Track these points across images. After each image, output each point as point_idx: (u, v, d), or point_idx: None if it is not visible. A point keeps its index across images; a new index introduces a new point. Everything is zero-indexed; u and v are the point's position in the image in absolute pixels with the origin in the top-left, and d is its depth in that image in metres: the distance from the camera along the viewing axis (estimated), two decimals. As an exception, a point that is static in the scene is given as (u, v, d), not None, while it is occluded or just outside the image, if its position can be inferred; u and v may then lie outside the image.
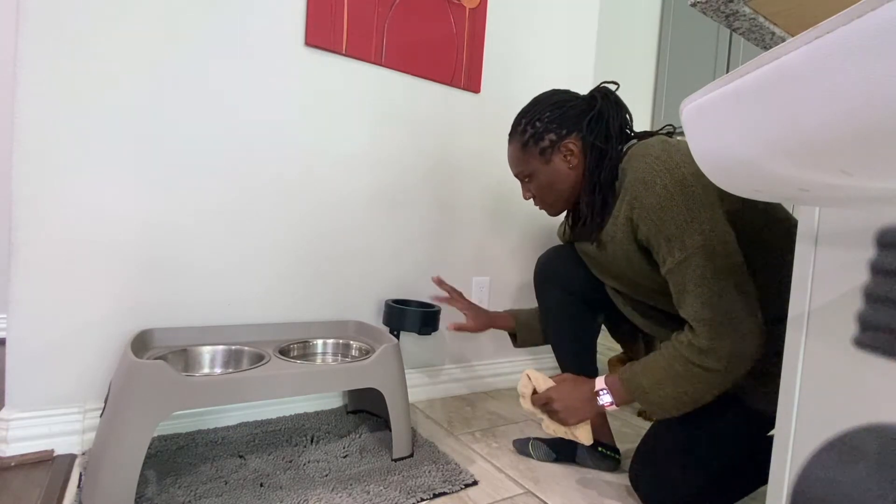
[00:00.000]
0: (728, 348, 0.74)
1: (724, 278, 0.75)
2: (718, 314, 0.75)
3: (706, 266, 0.76)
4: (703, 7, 0.67)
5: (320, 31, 1.21)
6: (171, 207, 1.08)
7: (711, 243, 0.76)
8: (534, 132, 0.94)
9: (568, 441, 1.08)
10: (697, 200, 0.77)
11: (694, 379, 0.77)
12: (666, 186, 0.79)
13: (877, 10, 0.22)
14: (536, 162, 0.95)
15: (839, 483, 0.51)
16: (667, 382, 0.79)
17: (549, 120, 0.93)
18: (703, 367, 0.76)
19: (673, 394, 0.79)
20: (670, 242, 0.79)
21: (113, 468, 0.77)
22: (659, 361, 0.81)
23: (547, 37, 1.63)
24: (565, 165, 0.94)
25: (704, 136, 0.36)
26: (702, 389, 0.77)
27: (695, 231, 0.77)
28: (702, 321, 0.76)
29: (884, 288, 0.49)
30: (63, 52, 0.95)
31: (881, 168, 0.27)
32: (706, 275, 0.76)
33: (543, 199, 0.99)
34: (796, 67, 0.26)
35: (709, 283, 0.76)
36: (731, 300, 0.75)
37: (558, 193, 0.96)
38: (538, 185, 0.97)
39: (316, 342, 1.20)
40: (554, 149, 0.93)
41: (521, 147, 0.96)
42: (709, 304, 0.75)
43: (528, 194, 1.01)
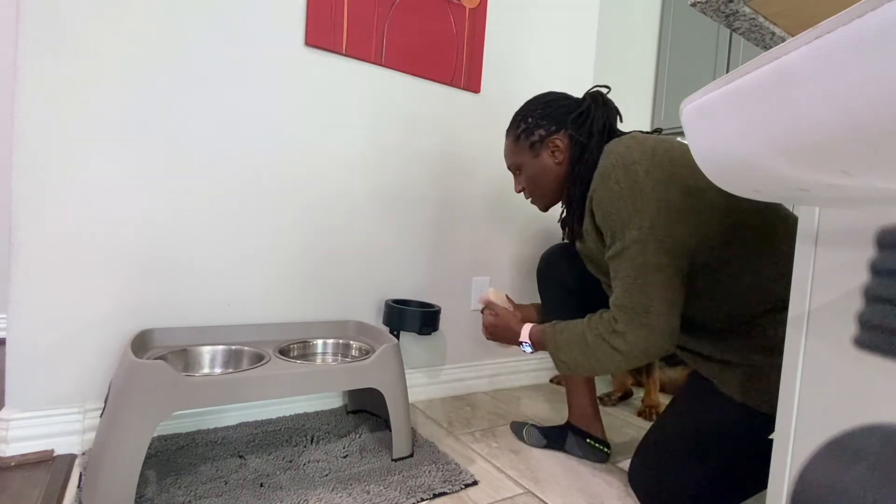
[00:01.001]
0: (636, 336, 0.81)
1: (650, 273, 0.80)
2: (636, 304, 0.81)
3: (636, 259, 0.81)
4: (703, 7, 0.67)
5: (320, 31, 1.21)
6: (171, 207, 1.08)
7: (646, 239, 0.80)
8: (525, 127, 1.01)
9: (559, 430, 1.18)
10: (644, 198, 0.81)
11: (599, 352, 0.85)
12: (618, 181, 0.83)
13: (877, 9, 0.22)
14: (526, 155, 1.02)
15: (839, 483, 0.51)
16: (576, 347, 0.88)
17: (540, 116, 1.00)
18: (610, 346, 0.83)
19: (578, 358, 0.88)
20: (614, 234, 0.84)
21: (113, 468, 0.77)
22: (577, 327, 0.89)
23: (547, 37, 1.63)
24: (552, 160, 0.99)
25: (704, 136, 0.36)
26: (602, 362, 0.85)
27: (634, 226, 0.81)
28: (621, 307, 0.82)
29: (884, 288, 0.49)
30: (63, 52, 0.95)
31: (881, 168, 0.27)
32: (634, 266, 0.81)
33: (532, 192, 1.06)
34: (796, 67, 0.26)
35: (635, 274, 0.81)
36: (651, 294, 0.80)
37: (545, 186, 1.02)
38: (527, 178, 1.04)
39: (316, 342, 1.20)
40: (542, 144, 0.99)
41: (514, 141, 1.04)
42: (630, 294, 0.81)
43: (519, 187, 1.08)
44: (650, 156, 0.83)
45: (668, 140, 0.87)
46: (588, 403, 1.15)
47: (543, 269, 1.21)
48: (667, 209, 0.80)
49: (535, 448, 1.18)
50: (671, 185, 0.81)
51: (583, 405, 1.15)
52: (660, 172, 0.81)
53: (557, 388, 1.68)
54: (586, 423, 1.14)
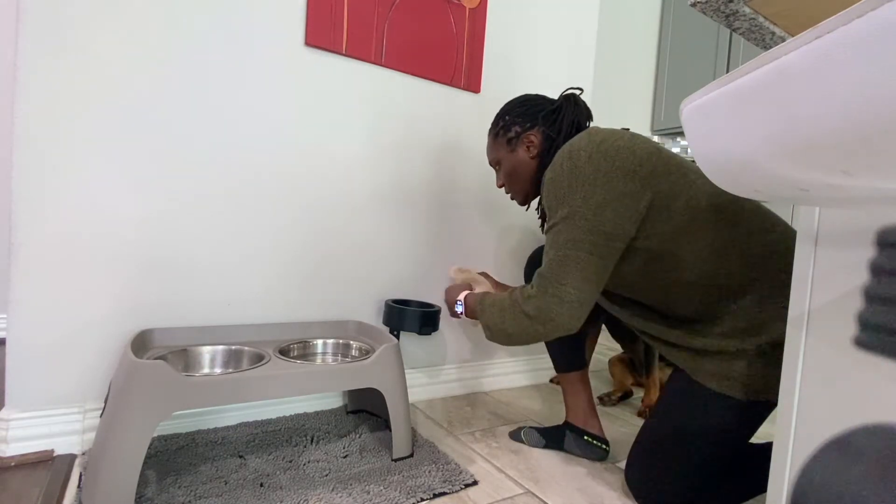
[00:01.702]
0: (545, 303, 0.84)
1: (571, 249, 0.84)
2: (553, 275, 0.85)
3: (562, 234, 0.85)
4: (703, 7, 0.68)
5: (320, 31, 1.21)
6: (171, 207, 1.08)
7: (574, 217, 0.84)
8: (503, 125, 1.06)
9: (557, 430, 1.19)
10: (581, 179, 0.84)
11: (510, 316, 0.89)
12: (562, 165, 0.88)
13: (877, 10, 0.22)
14: (504, 151, 1.07)
15: (839, 483, 0.51)
16: (496, 310, 0.92)
17: (516, 115, 1.05)
18: (522, 311, 0.87)
19: (496, 320, 0.92)
20: (550, 212, 0.89)
21: (113, 468, 0.77)
22: (503, 295, 0.94)
23: (547, 37, 1.63)
24: (527, 155, 1.04)
25: (704, 136, 0.36)
26: (514, 327, 0.89)
27: (566, 204, 0.85)
28: (539, 275, 0.87)
29: (884, 288, 0.49)
30: (63, 52, 0.95)
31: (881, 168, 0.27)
32: (558, 240, 0.85)
33: (510, 185, 1.10)
34: (796, 67, 0.26)
35: (557, 248, 0.85)
36: (568, 269, 0.84)
37: (522, 181, 1.07)
38: (505, 173, 1.08)
39: (316, 342, 1.20)
40: (518, 140, 1.04)
41: (493, 138, 1.09)
42: (549, 265, 0.86)
43: (500, 182, 1.12)
44: (597, 144, 0.86)
45: (626, 133, 0.90)
46: (584, 401, 1.15)
47: (528, 270, 1.25)
48: (602, 192, 0.83)
49: (536, 448, 1.18)
50: (613, 171, 0.84)
51: (579, 403, 1.15)
52: (602, 159, 0.84)
53: (556, 388, 1.68)
54: (584, 421, 1.15)
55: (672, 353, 0.92)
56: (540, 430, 1.20)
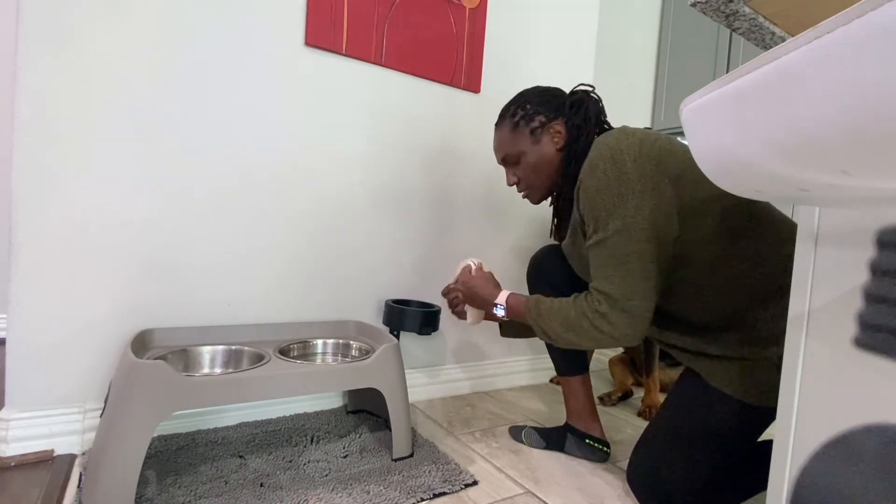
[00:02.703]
0: (618, 320, 0.83)
1: (633, 262, 0.82)
2: (619, 291, 0.83)
3: (619, 248, 0.83)
4: (703, 7, 0.67)
5: (320, 31, 1.21)
6: (171, 207, 1.08)
7: (630, 228, 0.82)
8: (524, 114, 1.00)
9: (558, 431, 1.18)
10: (629, 187, 0.82)
11: (580, 329, 0.86)
12: (606, 171, 0.84)
13: (877, 9, 0.22)
14: (526, 142, 1.00)
15: (839, 483, 0.51)
16: (557, 319, 0.89)
17: (539, 104, 1.00)
18: (593, 326, 0.84)
19: (558, 329, 0.89)
20: (597, 222, 0.85)
21: (113, 468, 0.77)
22: (562, 302, 0.90)
23: (547, 37, 1.63)
24: (553, 146, 0.99)
25: (704, 136, 0.36)
26: (581, 338, 0.87)
27: (618, 215, 0.82)
28: (605, 294, 0.84)
29: (884, 288, 0.49)
30: (63, 52, 0.95)
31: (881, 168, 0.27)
32: (617, 255, 0.83)
33: (529, 182, 1.03)
34: (796, 67, 0.26)
35: (618, 262, 0.83)
36: (634, 283, 0.82)
37: (545, 175, 1.01)
38: (526, 167, 1.01)
39: (316, 342, 1.20)
40: (543, 129, 0.99)
41: (512, 129, 1.01)
42: (612, 281, 0.83)
43: (514, 179, 1.05)
44: (637, 146, 0.84)
45: (656, 133, 0.88)
46: (585, 403, 1.15)
47: (533, 271, 1.22)
48: (651, 199, 0.82)
49: (536, 449, 1.18)
50: (658, 176, 0.82)
51: (580, 405, 1.15)
52: (647, 163, 0.83)
53: (557, 388, 1.68)
54: (585, 423, 1.15)
55: (687, 358, 0.92)
56: (540, 431, 1.19)
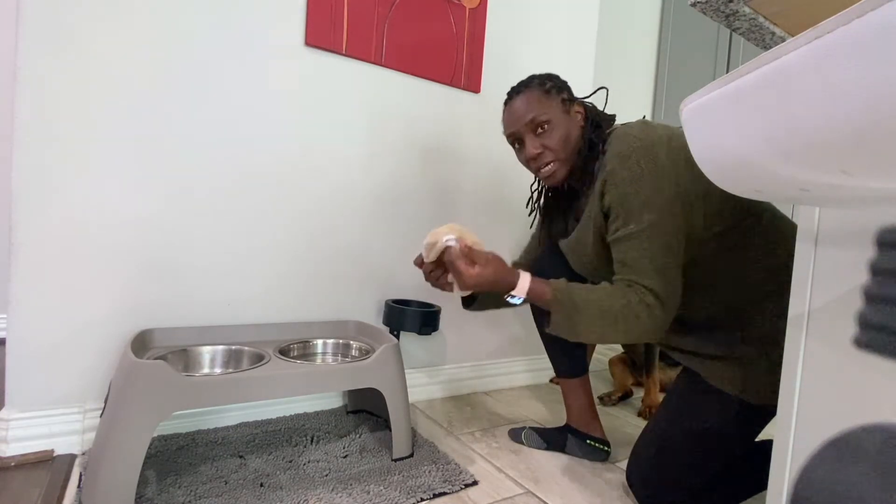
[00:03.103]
0: (662, 314, 0.81)
1: (668, 257, 0.82)
2: (663, 288, 0.81)
3: (655, 242, 0.82)
4: (703, 7, 0.67)
5: (320, 31, 1.21)
6: (171, 207, 1.08)
7: (663, 222, 0.81)
8: (554, 84, 0.96)
9: (558, 432, 1.17)
10: (665, 181, 0.82)
11: (620, 321, 0.81)
12: (639, 163, 0.83)
13: (877, 9, 0.22)
14: (557, 110, 0.95)
15: (839, 483, 0.51)
16: (596, 310, 0.82)
17: (563, 83, 0.98)
18: (637, 319, 0.81)
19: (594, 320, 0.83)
20: (629, 215, 0.83)
21: (113, 468, 0.77)
22: (601, 293, 0.84)
23: (547, 37, 1.63)
24: (577, 123, 0.97)
25: (704, 136, 0.36)
26: (615, 330, 0.82)
27: (653, 209, 0.81)
28: (652, 290, 0.81)
29: (884, 288, 0.49)
30: (63, 52, 0.95)
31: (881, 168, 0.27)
32: (653, 249, 0.82)
33: (557, 153, 0.94)
34: (796, 67, 0.26)
35: (654, 257, 0.82)
36: (670, 278, 0.82)
37: (572, 146, 0.95)
38: (554, 135, 0.93)
39: (316, 342, 1.20)
40: (570, 104, 0.97)
41: (543, 93, 0.95)
42: (655, 278, 0.81)
43: (537, 149, 0.94)
44: (667, 140, 0.84)
45: (674, 128, 0.88)
46: (585, 403, 1.15)
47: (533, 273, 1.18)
48: (682, 194, 0.82)
49: (537, 450, 1.18)
50: (684, 171, 0.83)
51: (580, 406, 1.15)
52: (678, 157, 0.83)
53: (557, 388, 1.68)
54: (585, 423, 1.14)
55: (685, 358, 0.92)
56: (540, 431, 1.19)
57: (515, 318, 1.67)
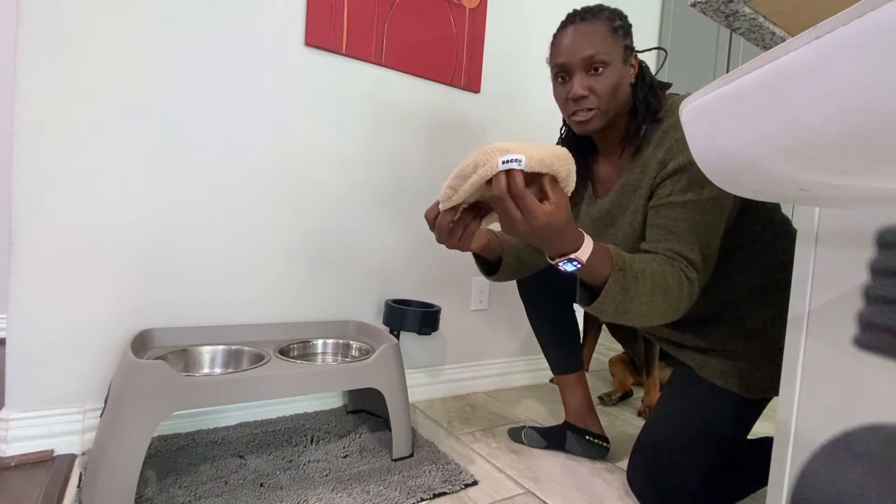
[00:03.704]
0: (694, 292, 0.78)
1: (713, 236, 0.80)
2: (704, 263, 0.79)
3: (708, 217, 0.79)
4: (703, 7, 0.67)
5: (320, 31, 1.21)
6: (171, 207, 1.08)
7: (720, 201, 0.79)
8: (623, 25, 0.86)
9: (557, 430, 1.17)
10: None
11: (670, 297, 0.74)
12: None
13: (877, 9, 0.22)
14: (619, 55, 0.84)
15: (839, 483, 0.51)
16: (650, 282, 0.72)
17: (630, 28, 0.88)
18: (681, 292, 0.75)
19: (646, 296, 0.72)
20: (691, 182, 0.78)
21: (113, 468, 0.77)
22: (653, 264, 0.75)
23: (547, 37, 1.63)
24: (630, 75, 0.87)
25: (704, 136, 0.36)
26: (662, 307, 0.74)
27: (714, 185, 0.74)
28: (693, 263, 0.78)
29: (884, 288, 0.49)
30: (63, 52, 0.95)
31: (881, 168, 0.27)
32: (704, 223, 0.79)
33: (602, 101, 0.85)
34: (796, 67, 0.26)
35: (703, 233, 0.79)
36: (711, 257, 0.80)
37: (619, 99, 0.86)
38: (607, 81, 0.84)
39: (316, 342, 1.20)
40: (631, 54, 0.87)
41: (611, 30, 0.84)
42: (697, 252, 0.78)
43: (585, 91, 0.84)
44: None
45: None
46: (583, 400, 1.15)
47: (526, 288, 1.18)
48: None
49: (537, 449, 1.18)
50: None
51: (578, 403, 1.15)
52: None
53: (556, 388, 1.68)
54: (583, 420, 1.15)
55: (680, 352, 0.93)
56: (540, 430, 1.19)
57: (515, 318, 1.67)
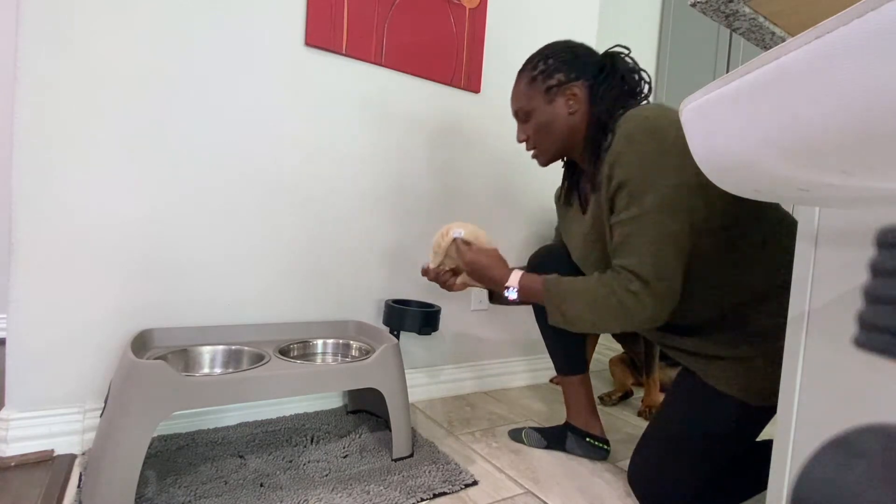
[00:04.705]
0: (649, 300, 0.80)
1: (667, 242, 0.80)
2: (652, 271, 0.80)
3: (655, 226, 0.80)
4: (703, 7, 0.67)
5: (320, 31, 1.21)
6: (171, 207, 1.08)
7: (665, 208, 0.80)
8: (544, 69, 0.94)
9: (558, 430, 1.18)
10: (671, 164, 0.80)
11: (607, 308, 0.83)
12: (646, 144, 0.81)
13: (877, 9, 0.22)
14: (539, 100, 0.95)
15: (839, 483, 0.51)
16: (582, 299, 0.85)
17: (563, 61, 0.94)
18: (622, 304, 0.81)
19: (582, 310, 0.85)
20: (631, 197, 0.82)
21: (113, 468, 0.77)
22: (588, 282, 0.86)
23: (547, 36, 1.63)
24: (566, 109, 0.94)
25: (704, 136, 0.36)
26: (606, 319, 0.83)
27: (657, 192, 0.80)
28: (637, 275, 0.81)
29: (884, 288, 0.49)
30: (63, 52, 0.95)
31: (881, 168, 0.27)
32: (652, 233, 0.80)
33: (538, 141, 0.99)
34: (796, 67, 0.26)
35: (651, 241, 0.81)
36: (667, 264, 0.80)
37: (553, 137, 0.96)
38: (536, 125, 0.97)
39: (316, 342, 1.20)
40: (559, 89, 0.94)
41: (528, 82, 0.96)
42: (644, 260, 0.81)
43: (523, 136, 1.01)
44: (677, 126, 0.81)
45: None
46: (585, 401, 1.15)
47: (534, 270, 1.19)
48: (687, 181, 0.80)
49: (537, 449, 1.18)
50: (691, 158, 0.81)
51: (580, 404, 1.15)
52: (685, 144, 0.80)
53: (557, 388, 1.68)
54: (584, 421, 1.15)
55: (683, 358, 0.92)
56: (540, 430, 1.20)
57: (515, 319, 1.67)
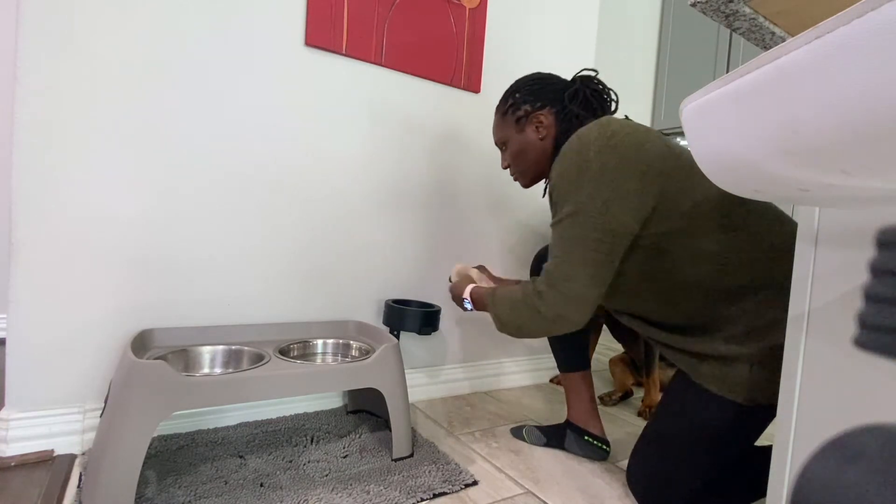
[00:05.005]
0: (553, 301, 0.85)
1: (577, 246, 0.84)
2: (559, 273, 0.85)
3: (567, 230, 0.85)
4: (703, 7, 0.67)
5: (320, 31, 1.21)
6: (171, 207, 1.08)
7: (580, 214, 0.84)
8: (513, 102, 1.04)
9: (558, 429, 1.20)
10: (589, 175, 0.83)
11: (522, 310, 0.89)
12: (570, 158, 0.86)
13: (878, 9, 0.22)
14: (511, 130, 1.05)
15: (839, 483, 0.51)
16: (507, 306, 0.93)
17: (528, 93, 1.03)
18: (530, 306, 0.87)
19: (507, 313, 0.92)
20: (555, 207, 0.89)
21: (113, 468, 0.77)
22: (514, 289, 0.94)
23: (547, 37, 1.63)
24: (536, 136, 1.02)
25: (704, 136, 0.36)
26: (524, 321, 0.90)
27: (572, 201, 0.85)
28: (546, 272, 0.87)
29: (884, 288, 0.49)
30: (63, 52, 0.95)
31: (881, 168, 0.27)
32: (564, 237, 0.86)
33: (516, 167, 1.08)
34: (796, 67, 0.26)
35: (563, 245, 0.86)
36: (574, 266, 0.84)
37: (527, 162, 1.05)
38: (512, 153, 1.07)
39: (316, 342, 1.20)
40: (527, 119, 1.02)
41: (501, 116, 1.07)
42: (556, 262, 0.86)
43: (505, 163, 1.11)
44: (607, 138, 0.84)
45: (636, 127, 0.87)
46: (586, 402, 1.15)
47: (536, 266, 1.24)
48: (609, 190, 0.82)
49: (535, 447, 1.18)
50: (622, 168, 0.82)
51: (581, 403, 1.16)
52: (611, 155, 0.83)
53: (557, 388, 1.68)
54: (585, 421, 1.15)
55: (674, 356, 0.92)
56: (541, 428, 1.21)
57: (515, 318, 1.67)
